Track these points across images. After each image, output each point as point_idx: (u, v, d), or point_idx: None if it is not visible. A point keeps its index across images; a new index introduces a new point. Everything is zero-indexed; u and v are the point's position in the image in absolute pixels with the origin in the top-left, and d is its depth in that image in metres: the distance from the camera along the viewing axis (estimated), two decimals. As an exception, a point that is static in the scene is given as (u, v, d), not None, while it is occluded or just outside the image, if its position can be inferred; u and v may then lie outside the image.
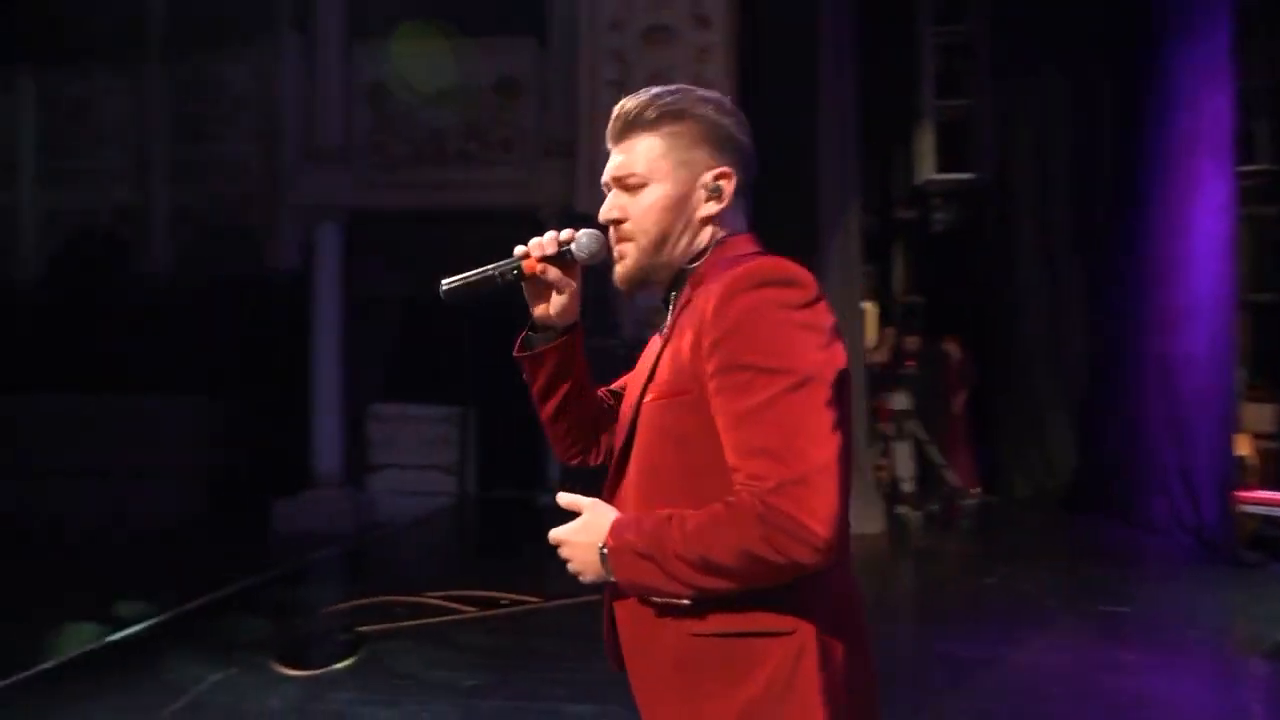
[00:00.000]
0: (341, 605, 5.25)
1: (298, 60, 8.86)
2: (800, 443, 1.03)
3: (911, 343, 7.94)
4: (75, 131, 9.71)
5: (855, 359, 7.48)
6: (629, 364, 1.50)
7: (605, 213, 1.28)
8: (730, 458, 1.09)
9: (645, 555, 1.09)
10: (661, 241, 1.25)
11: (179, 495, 9.39)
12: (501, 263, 1.32)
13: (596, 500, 1.22)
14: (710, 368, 1.11)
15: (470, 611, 5.10)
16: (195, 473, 9.55)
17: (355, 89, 8.89)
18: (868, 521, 7.19)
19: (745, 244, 1.26)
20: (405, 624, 4.85)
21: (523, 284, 1.34)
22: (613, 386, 1.50)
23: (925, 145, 8.65)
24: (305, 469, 8.83)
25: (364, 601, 5.25)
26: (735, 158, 1.26)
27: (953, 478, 7.73)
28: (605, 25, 8.09)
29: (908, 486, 7.61)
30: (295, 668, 4.19)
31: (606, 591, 1.27)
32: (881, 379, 7.89)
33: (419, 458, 9.07)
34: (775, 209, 7.90)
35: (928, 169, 8.62)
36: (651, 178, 1.24)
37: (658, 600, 1.16)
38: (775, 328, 1.08)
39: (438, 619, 4.97)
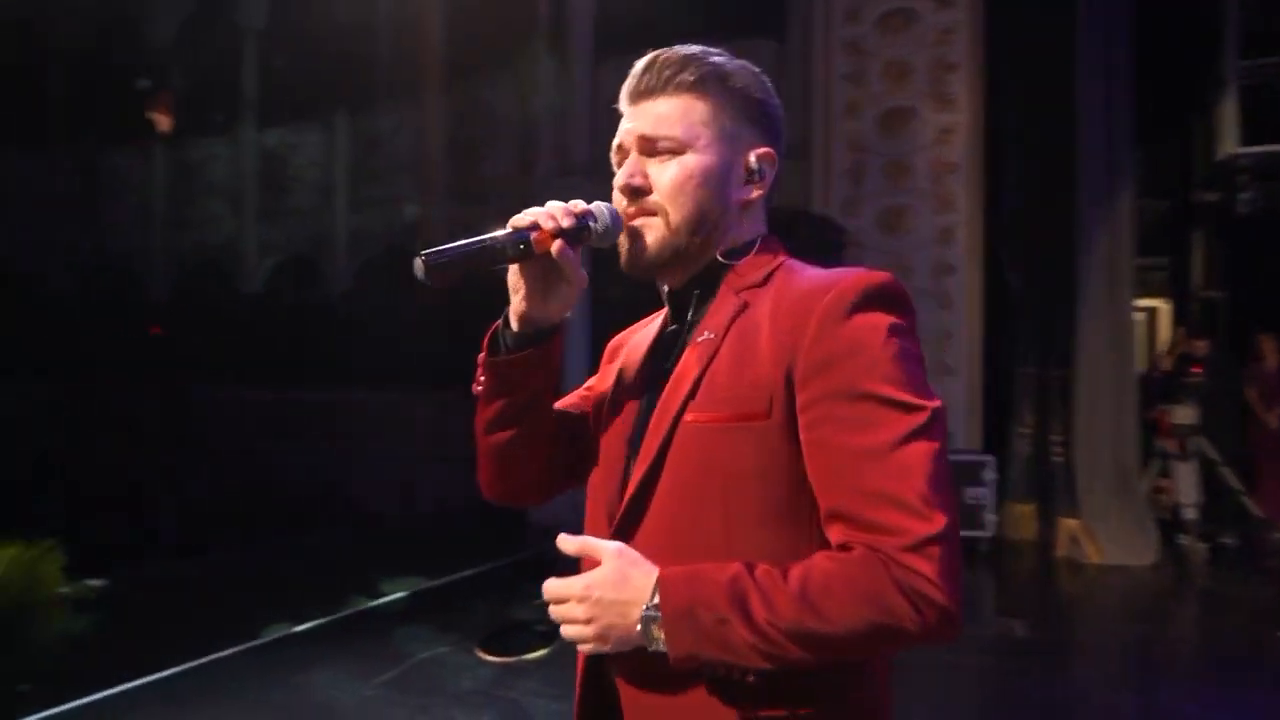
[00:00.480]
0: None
1: (552, 81, 9.48)
2: (937, 493, 0.87)
3: (1200, 346, 6.78)
4: (375, 161, 11.17)
5: (1127, 367, 6.61)
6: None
7: (626, 178, 1.05)
8: (835, 502, 0.90)
9: (722, 620, 0.87)
10: (698, 223, 1.04)
11: (465, 480, 10.43)
12: (499, 234, 1.02)
13: (622, 545, 0.96)
14: (811, 393, 0.92)
15: (669, 615, 5.16)
16: (474, 461, 10.55)
17: (601, 104, 9.33)
18: (1138, 551, 6.30)
19: (781, 246, 1.09)
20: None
21: (516, 265, 1.04)
22: (560, 405, 1.21)
23: (1228, 114, 7.35)
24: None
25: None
26: (778, 144, 1.11)
27: (1255, 507, 6.51)
28: (841, 16, 7.80)
29: (1191, 513, 6.52)
30: (493, 654, 4.50)
31: (588, 665, 1.04)
32: (1163, 388, 6.85)
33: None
34: (1025, 199, 7.22)
35: (1231, 142, 7.32)
36: (691, 145, 1.04)
37: (704, 676, 0.92)
38: (900, 355, 0.92)
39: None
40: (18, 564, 3.56)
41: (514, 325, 1.08)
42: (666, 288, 1.11)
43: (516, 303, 1.07)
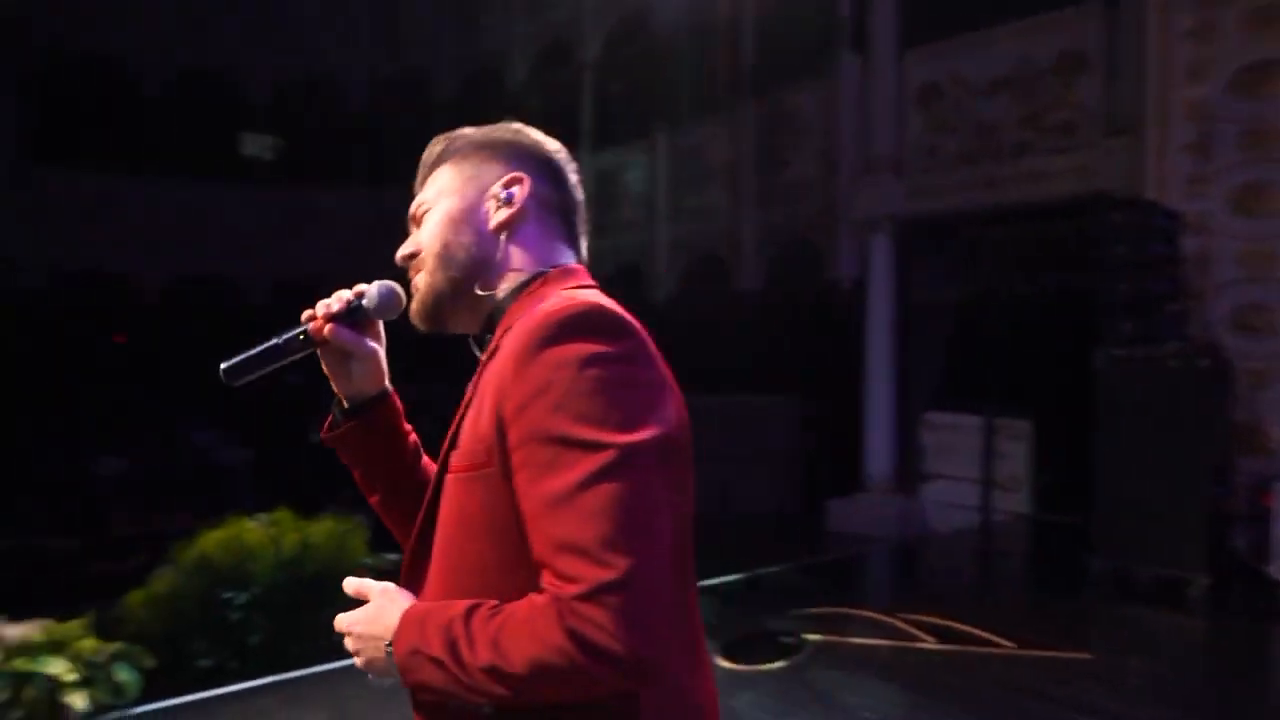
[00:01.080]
0: (809, 610, 5.44)
1: (854, 78, 9.23)
2: (620, 536, 0.84)
3: None
4: (692, 173, 11.68)
5: None
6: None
7: (399, 254, 1.15)
8: (536, 551, 0.89)
9: (435, 658, 0.90)
10: (446, 258, 1.08)
11: (769, 484, 10.61)
12: (287, 333, 1.14)
13: (388, 586, 1.04)
14: (513, 437, 0.91)
15: (926, 641, 4.84)
16: (784, 465, 10.68)
17: (906, 96, 8.89)
18: None
19: (566, 279, 1.07)
20: (850, 640, 4.84)
21: (318, 353, 1.16)
22: None
23: None
24: (861, 471, 9.17)
25: (827, 610, 5.37)
26: (537, 170, 1.11)
27: None
28: (1184, -37, 6.66)
29: None
30: (731, 660, 4.56)
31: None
32: None
33: (971, 470, 8.64)
34: None
35: None
36: (438, 200, 1.12)
37: (457, 707, 0.96)
38: (596, 387, 0.89)
39: (888, 641, 4.84)
40: (330, 535, 4.37)
41: (343, 403, 1.22)
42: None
43: (334, 385, 1.21)
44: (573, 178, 1.16)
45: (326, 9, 15.04)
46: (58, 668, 3.65)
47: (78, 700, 3.66)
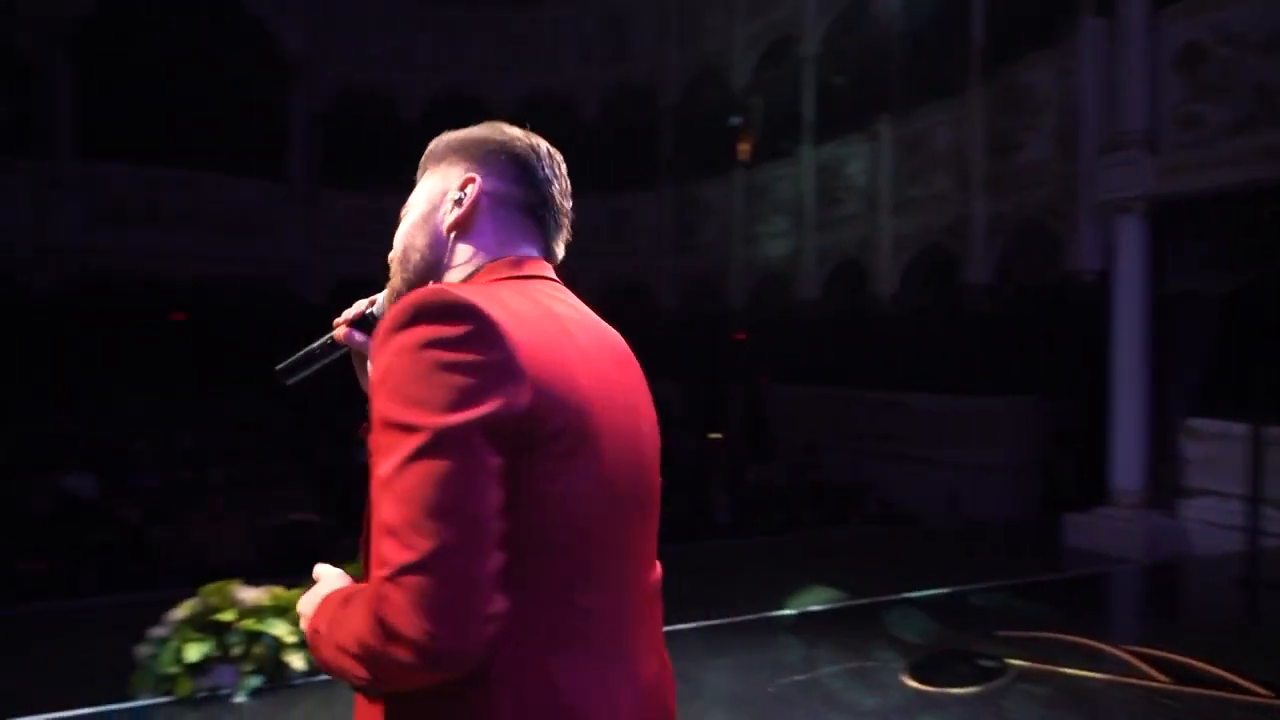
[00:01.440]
0: (1021, 632, 4.95)
1: (1100, 46, 8.31)
2: (423, 518, 0.83)
3: None
4: (916, 163, 11.07)
5: None
6: None
7: (389, 258, 1.19)
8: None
9: (328, 641, 0.94)
10: (403, 261, 1.13)
11: (1001, 492, 9.86)
12: (322, 338, 1.24)
13: (334, 572, 1.08)
14: (373, 425, 0.94)
15: (1156, 680, 4.24)
16: (1019, 473, 9.88)
17: (1162, 60, 7.86)
18: None
19: (509, 269, 1.07)
20: (1061, 669, 4.35)
21: (352, 356, 1.25)
22: None
23: None
24: (1105, 483, 8.24)
25: (1041, 634, 4.85)
26: (499, 168, 1.12)
27: None
28: None
29: None
30: (918, 679, 4.26)
31: None
32: None
33: (1245, 486, 7.45)
34: None
35: None
36: (413, 205, 1.16)
37: (356, 688, 0.98)
38: (418, 373, 0.88)
39: (1107, 675, 4.30)
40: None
41: None
42: None
43: (362, 385, 1.25)
44: (544, 172, 1.14)
45: (561, 27, 15.89)
46: (281, 629, 4.12)
47: (296, 660, 4.12)
